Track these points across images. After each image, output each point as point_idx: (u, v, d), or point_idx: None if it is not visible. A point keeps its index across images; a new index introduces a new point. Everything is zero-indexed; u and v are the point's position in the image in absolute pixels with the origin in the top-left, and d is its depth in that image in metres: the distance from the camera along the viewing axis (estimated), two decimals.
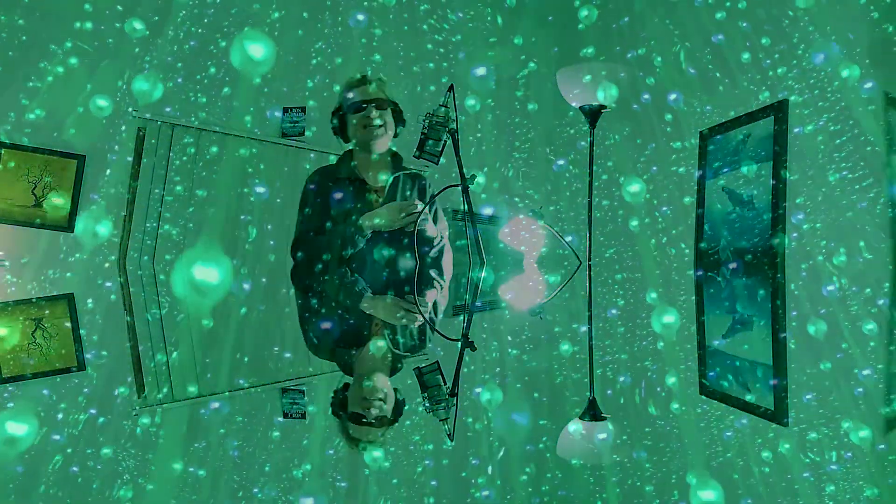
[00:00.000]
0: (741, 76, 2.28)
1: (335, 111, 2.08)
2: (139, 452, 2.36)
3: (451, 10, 2.58)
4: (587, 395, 2.14)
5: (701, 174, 2.37)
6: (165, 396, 2.27)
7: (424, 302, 2.01)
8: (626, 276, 2.67)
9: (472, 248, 1.95)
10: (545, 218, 2.24)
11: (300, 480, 2.43)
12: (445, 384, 1.83)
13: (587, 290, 2.22)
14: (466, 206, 1.92)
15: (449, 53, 2.66)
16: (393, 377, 1.98)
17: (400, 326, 2.05)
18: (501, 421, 1.82)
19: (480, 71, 1.85)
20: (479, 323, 2.40)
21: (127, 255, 2.26)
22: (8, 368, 2.25)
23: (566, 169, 2.73)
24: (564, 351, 2.41)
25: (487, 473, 2.45)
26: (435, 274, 2.07)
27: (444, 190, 1.99)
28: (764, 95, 2.22)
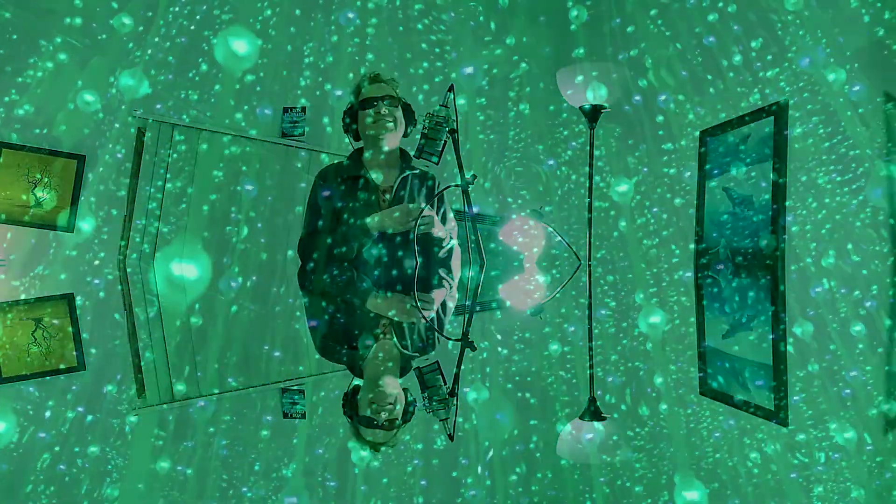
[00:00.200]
0: (732, 78, 2.29)
1: (347, 110, 2.07)
2: (128, 451, 2.35)
3: (443, 11, 2.58)
4: (576, 394, 2.14)
5: (700, 174, 2.37)
6: (164, 396, 2.27)
7: (431, 300, 2.02)
8: (617, 277, 2.67)
9: (472, 248, 1.96)
10: (545, 217, 2.24)
11: (289, 479, 2.42)
12: (445, 384, 1.83)
13: (587, 289, 2.22)
14: (466, 206, 1.92)
15: (444, 54, 2.66)
16: (403, 378, 1.98)
17: (408, 327, 2.04)
18: (485, 420, 1.82)
19: (468, 70, 1.85)
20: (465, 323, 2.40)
21: (127, 254, 2.26)
22: (8, 368, 2.25)
23: (555, 168, 2.73)
24: (553, 351, 2.41)
25: (477, 473, 2.45)
26: (444, 273, 2.07)
27: (443, 190, 2.00)
28: (754, 98, 2.23)
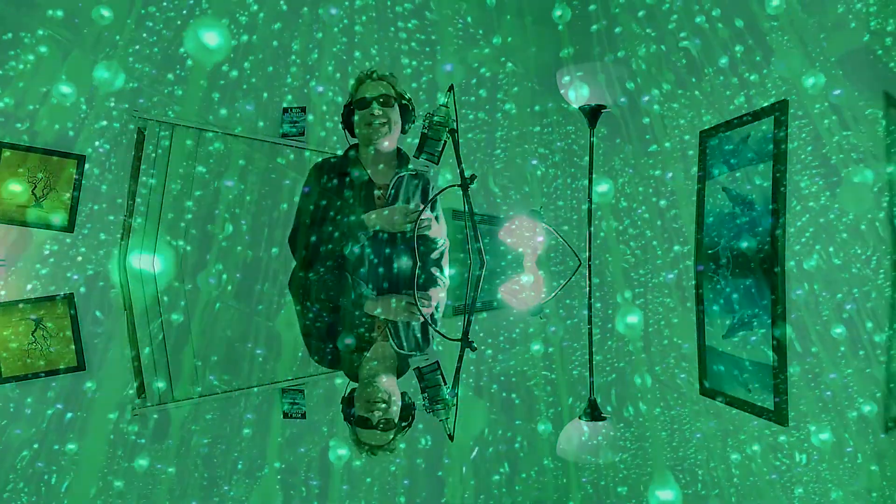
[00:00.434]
0: (717, 81, 2.30)
1: (345, 105, 2.05)
2: (110, 450, 2.34)
3: (430, 9, 2.57)
4: (555, 396, 2.14)
5: (700, 174, 2.37)
6: (164, 396, 2.26)
7: (429, 299, 2.01)
8: (601, 279, 2.68)
9: (471, 247, 1.95)
10: (543, 218, 2.24)
11: (272, 478, 2.41)
12: (445, 384, 1.83)
13: (587, 289, 2.21)
14: (466, 206, 1.92)
15: (434, 53, 2.65)
16: (400, 379, 1.96)
17: (403, 327, 2.03)
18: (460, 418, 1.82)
19: (448, 67, 1.85)
20: (453, 323, 2.40)
21: (127, 254, 2.26)
22: (8, 368, 2.24)
23: (540, 168, 2.73)
24: (536, 351, 2.41)
25: (462, 472, 2.45)
26: (438, 273, 2.07)
27: (443, 190, 1.99)
28: (739, 100, 2.24)
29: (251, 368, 2.41)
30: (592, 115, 2.21)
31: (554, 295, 2.25)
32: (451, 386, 1.82)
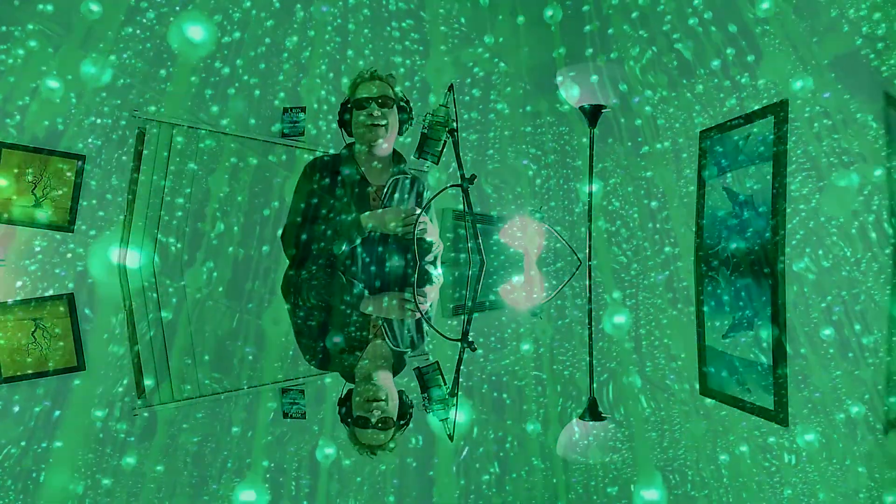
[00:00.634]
0: (708, 83, 2.31)
1: (342, 104, 2.04)
2: (97, 447, 2.33)
3: (423, 8, 2.57)
4: (545, 396, 2.15)
5: (701, 174, 2.36)
6: (164, 396, 2.26)
7: (425, 295, 2.01)
8: (591, 280, 2.68)
9: (471, 248, 1.96)
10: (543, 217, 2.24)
11: (262, 476, 2.41)
12: (445, 384, 1.83)
13: (587, 290, 2.21)
14: (466, 206, 1.92)
15: (426, 53, 2.65)
16: (396, 377, 1.96)
17: (398, 324, 2.03)
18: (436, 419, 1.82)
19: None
20: (444, 324, 2.40)
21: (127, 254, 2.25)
22: (8, 368, 2.24)
23: (531, 168, 2.73)
24: (526, 351, 2.42)
25: (452, 473, 2.45)
26: (431, 270, 2.07)
27: (443, 190, 2.00)
28: (731, 103, 2.24)
29: (241, 367, 2.40)
30: (592, 114, 2.21)
31: (554, 295, 2.25)
32: (450, 386, 1.82)
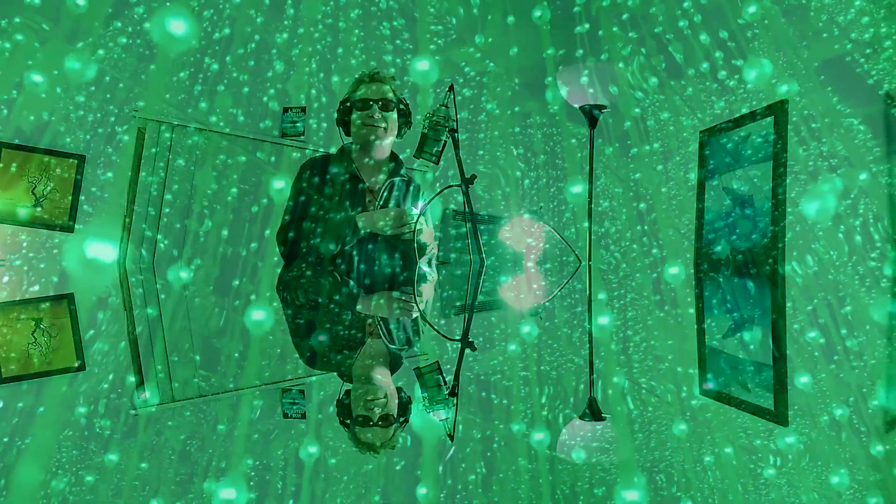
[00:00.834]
0: (697, 86, 2.32)
1: (342, 102, 2.03)
2: (83, 443, 2.31)
3: (414, 9, 2.57)
4: (533, 397, 2.14)
5: (701, 174, 2.36)
6: (164, 396, 2.25)
7: (421, 294, 2.01)
8: (581, 281, 2.69)
9: (471, 247, 1.96)
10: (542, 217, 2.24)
11: (247, 475, 2.40)
12: (445, 384, 1.84)
13: (587, 290, 2.21)
14: (467, 206, 1.92)
15: (414, 52, 2.65)
16: (394, 375, 1.97)
17: (394, 323, 2.03)
18: (420, 418, 1.83)
19: (422, 65, 1.86)
20: (437, 323, 2.40)
21: (127, 254, 2.25)
22: (8, 368, 2.23)
23: (517, 168, 2.74)
24: (512, 351, 2.42)
25: (438, 472, 2.44)
26: (426, 269, 2.08)
27: (443, 190, 2.00)
28: (720, 105, 2.26)
29: (227, 365, 2.39)
30: (592, 115, 2.21)
31: (554, 295, 2.26)
32: (451, 386, 1.83)
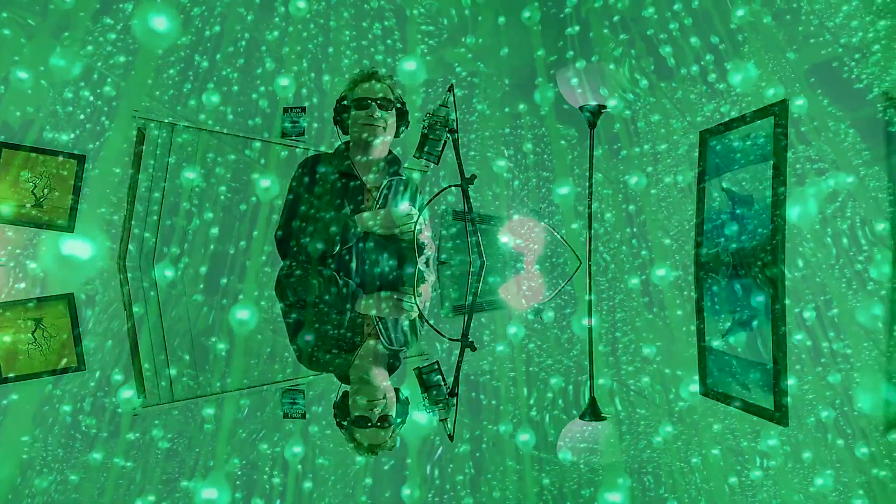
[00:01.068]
0: (687, 89, 2.33)
1: (339, 100, 2.02)
2: (68, 442, 2.30)
3: (405, 9, 2.57)
4: (520, 398, 2.14)
5: (701, 174, 2.35)
6: (164, 396, 2.24)
7: (420, 294, 2.01)
8: (570, 282, 2.69)
9: (471, 247, 1.96)
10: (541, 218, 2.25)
11: (233, 475, 2.39)
12: (445, 384, 1.84)
13: (587, 289, 2.21)
14: (466, 206, 1.92)
15: (405, 52, 2.65)
16: (392, 376, 1.97)
17: (392, 323, 2.03)
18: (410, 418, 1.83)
19: (410, 65, 1.86)
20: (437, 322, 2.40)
21: (126, 254, 2.24)
22: (7, 368, 2.22)
23: (509, 169, 2.74)
24: (500, 352, 2.42)
25: (426, 473, 2.44)
26: (424, 269, 2.08)
27: (442, 191, 2.00)
28: (709, 107, 2.26)
29: (214, 364, 2.38)
30: (593, 115, 2.20)
31: (553, 295, 2.25)
32: (451, 386, 1.83)
